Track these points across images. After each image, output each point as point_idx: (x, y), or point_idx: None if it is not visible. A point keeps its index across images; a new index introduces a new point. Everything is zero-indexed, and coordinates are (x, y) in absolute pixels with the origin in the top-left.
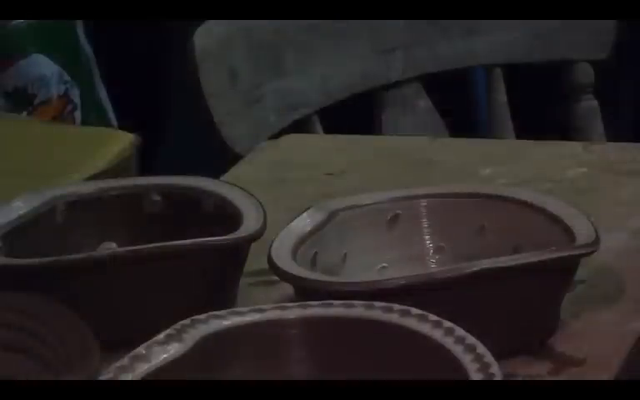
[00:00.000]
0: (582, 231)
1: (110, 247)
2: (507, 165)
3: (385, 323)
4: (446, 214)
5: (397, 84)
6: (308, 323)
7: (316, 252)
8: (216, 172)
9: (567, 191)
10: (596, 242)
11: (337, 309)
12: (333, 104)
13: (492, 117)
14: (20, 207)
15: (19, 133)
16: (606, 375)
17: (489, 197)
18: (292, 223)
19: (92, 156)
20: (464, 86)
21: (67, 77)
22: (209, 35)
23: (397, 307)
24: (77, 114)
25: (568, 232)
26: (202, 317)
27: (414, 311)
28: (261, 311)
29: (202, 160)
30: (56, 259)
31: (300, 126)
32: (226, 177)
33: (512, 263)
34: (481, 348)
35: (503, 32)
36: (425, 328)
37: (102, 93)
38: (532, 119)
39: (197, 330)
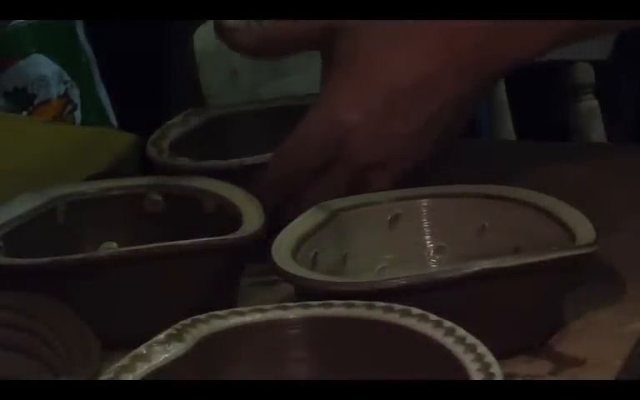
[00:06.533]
0: (582, 231)
1: (110, 247)
2: (507, 165)
3: (385, 323)
4: (446, 214)
5: None
6: (309, 323)
7: (316, 252)
8: None
9: (567, 191)
10: (596, 242)
11: (337, 309)
12: None
13: (492, 116)
14: (20, 207)
15: (19, 133)
16: (606, 375)
17: (489, 197)
18: (293, 223)
19: (92, 156)
20: None
21: (67, 77)
22: (209, 35)
23: (397, 307)
24: (77, 114)
25: (568, 232)
26: (203, 317)
27: (414, 311)
28: (261, 311)
29: None
30: (56, 259)
31: None
32: None
33: (513, 263)
34: (481, 348)
35: None
36: (425, 328)
37: (102, 93)
38: (532, 119)
39: (197, 330)
